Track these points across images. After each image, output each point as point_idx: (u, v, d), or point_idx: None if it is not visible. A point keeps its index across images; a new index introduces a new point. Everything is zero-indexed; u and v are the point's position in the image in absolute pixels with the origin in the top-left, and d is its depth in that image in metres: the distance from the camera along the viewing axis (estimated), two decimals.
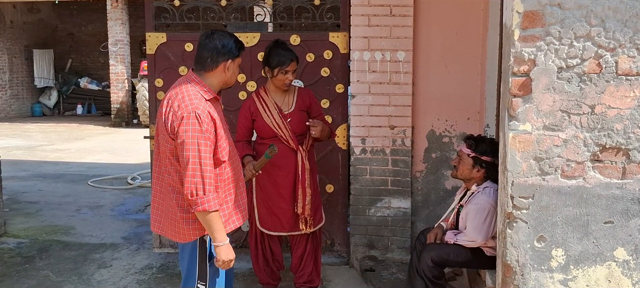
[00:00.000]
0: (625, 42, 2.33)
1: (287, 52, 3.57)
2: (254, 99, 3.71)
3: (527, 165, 2.41)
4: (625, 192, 2.39)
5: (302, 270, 3.84)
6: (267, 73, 3.62)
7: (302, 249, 3.82)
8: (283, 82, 3.59)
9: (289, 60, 3.55)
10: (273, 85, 3.65)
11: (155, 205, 2.75)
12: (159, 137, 2.67)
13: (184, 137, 2.50)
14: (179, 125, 2.51)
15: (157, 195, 2.74)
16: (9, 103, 16.23)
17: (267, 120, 3.63)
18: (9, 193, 6.64)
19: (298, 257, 3.84)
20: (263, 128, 3.67)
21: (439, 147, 4.42)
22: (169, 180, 2.64)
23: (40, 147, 11.14)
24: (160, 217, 2.74)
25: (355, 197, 4.46)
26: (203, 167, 2.49)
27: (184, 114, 2.51)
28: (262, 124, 3.66)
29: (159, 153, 2.68)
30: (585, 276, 2.44)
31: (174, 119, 2.54)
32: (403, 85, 4.28)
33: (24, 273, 4.39)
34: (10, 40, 16.00)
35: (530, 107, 2.38)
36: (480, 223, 3.21)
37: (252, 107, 3.70)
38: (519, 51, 2.37)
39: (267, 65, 3.59)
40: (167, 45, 4.66)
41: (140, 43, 15.74)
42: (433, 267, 3.39)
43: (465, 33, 4.27)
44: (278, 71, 3.55)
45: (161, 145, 2.65)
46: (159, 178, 2.70)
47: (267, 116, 3.63)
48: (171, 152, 2.59)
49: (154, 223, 2.77)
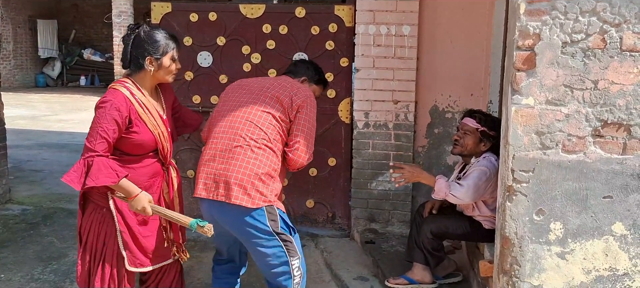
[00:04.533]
0: (631, 18, 2.33)
1: (167, 33, 2.73)
2: (122, 93, 2.61)
3: (528, 139, 2.42)
4: (625, 168, 2.41)
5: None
6: (150, 65, 2.66)
7: (172, 277, 2.97)
8: (172, 72, 2.75)
9: (176, 43, 2.74)
10: (155, 79, 2.72)
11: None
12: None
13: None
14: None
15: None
16: (13, 73, 16.24)
17: (150, 126, 2.66)
18: (13, 162, 6.69)
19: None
20: (143, 139, 2.65)
21: (442, 122, 4.44)
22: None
23: (44, 117, 11.19)
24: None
25: (357, 170, 4.49)
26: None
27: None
28: (143, 133, 2.64)
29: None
30: (583, 249, 2.48)
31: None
32: (407, 59, 4.28)
33: (28, 239, 4.45)
34: (14, 10, 15.95)
35: (534, 82, 2.39)
36: (473, 184, 3.19)
37: (125, 104, 2.59)
38: (524, 25, 2.37)
39: (150, 54, 2.65)
40: (172, 15, 4.66)
41: (144, 15, 15.65)
42: (432, 240, 3.44)
43: (471, 9, 4.26)
44: (169, 59, 2.70)
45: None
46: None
47: (150, 121, 2.67)
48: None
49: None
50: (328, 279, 3.87)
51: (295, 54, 4.61)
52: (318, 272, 3.97)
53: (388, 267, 3.81)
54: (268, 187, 2.76)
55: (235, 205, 2.70)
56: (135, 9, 14.55)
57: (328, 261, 4.11)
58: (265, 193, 2.74)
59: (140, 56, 2.66)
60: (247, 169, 2.72)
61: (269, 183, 2.77)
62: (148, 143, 2.68)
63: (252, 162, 2.73)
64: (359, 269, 3.96)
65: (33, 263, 3.99)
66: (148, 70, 2.67)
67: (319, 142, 4.67)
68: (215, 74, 4.67)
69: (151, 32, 2.69)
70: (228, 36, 4.65)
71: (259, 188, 2.73)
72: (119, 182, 2.54)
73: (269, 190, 2.77)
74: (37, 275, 3.82)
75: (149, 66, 2.67)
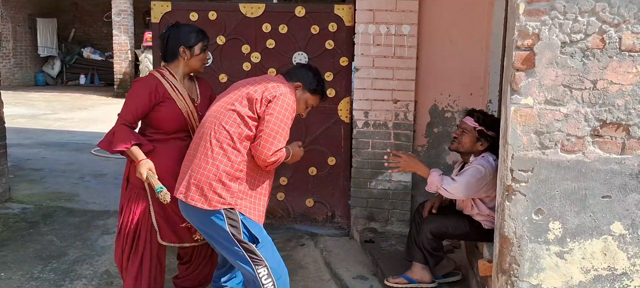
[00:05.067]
0: (630, 18, 2.33)
1: (198, 28, 3.13)
2: (159, 78, 3.03)
3: (527, 139, 2.43)
4: (624, 167, 2.42)
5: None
6: (184, 53, 3.02)
7: (204, 255, 3.32)
8: (203, 61, 3.12)
9: (206, 36, 3.12)
10: (188, 67, 3.08)
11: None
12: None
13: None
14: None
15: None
16: (12, 72, 16.23)
17: (180, 105, 3.02)
18: (13, 160, 6.70)
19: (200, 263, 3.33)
20: (172, 117, 3.02)
21: (441, 121, 4.44)
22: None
23: (44, 115, 11.19)
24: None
25: (356, 169, 4.49)
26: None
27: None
28: (172, 111, 3.01)
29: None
30: (581, 249, 2.48)
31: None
32: (407, 59, 4.28)
33: (28, 238, 4.45)
34: (14, 8, 15.94)
35: (533, 81, 2.40)
36: (466, 182, 3.21)
37: (159, 87, 3.00)
38: (523, 25, 2.37)
39: (184, 44, 3.01)
40: (172, 14, 4.66)
41: (144, 14, 15.68)
42: (432, 239, 3.44)
43: (470, 8, 4.26)
44: (200, 48, 3.05)
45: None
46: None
47: (180, 100, 3.03)
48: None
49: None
50: (327, 278, 3.87)
51: (295, 53, 4.62)
52: (317, 271, 3.97)
53: (387, 266, 3.82)
54: (229, 189, 2.68)
55: (192, 205, 2.70)
56: (135, 8, 14.57)
57: (327, 260, 4.12)
58: (223, 195, 2.67)
59: (175, 47, 3.03)
60: (206, 170, 2.68)
61: (231, 186, 2.68)
62: (177, 119, 3.01)
63: (211, 162, 2.68)
64: (358, 268, 3.97)
65: (33, 262, 4.00)
66: (182, 58, 3.04)
67: (319, 142, 4.70)
68: (215, 73, 4.68)
69: (184, 26, 3.10)
70: (228, 35, 4.66)
71: (217, 190, 2.67)
72: (130, 148, 2.91)
73: (229, 192, 2.68)
74: (37, 273, 3.83)
75: (183, 54, 3.03)
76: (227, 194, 2.68)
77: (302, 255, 4.22)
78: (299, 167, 4.74)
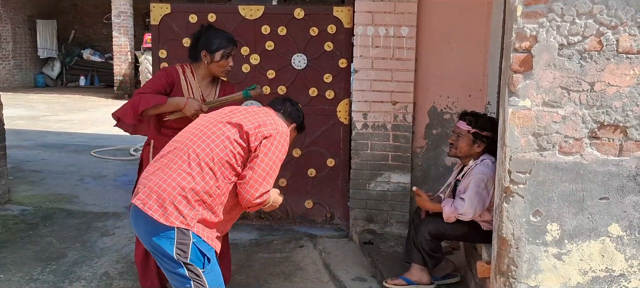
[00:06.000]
0: (627, 20, 2.34)
1: (226, 34, 3.26)
2: (178, 69, 3.29)
3: (525, 141, 2.44)
4: (622, 169, 2.42)
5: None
6: (205, 58, 3.18)
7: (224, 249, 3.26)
8: (224, 67, 3.22)
9: (231, 43, 3.22)
10: (208, 71, 3.24)
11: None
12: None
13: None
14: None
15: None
16: (12, 73, 16.24)
17: (186, 95, 3.21)
18: (12, 162, 6.70)
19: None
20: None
21: (440, 123, 4.45)
22: None
23: (44, 117, 11.19)
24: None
25: (355, 171, 4.50)
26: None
27: None
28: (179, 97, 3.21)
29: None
30: (579, 250, 2.49)
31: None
32: (406, 61, 4.29)
33: (28, 240, 4.46)
34: (13, 10, 15.95)
35: (531, 83, 2.41)
36: (474, 195, 3.23)
37: (175, 75, 3.26)
38: (521, 27, 2.38)
39: (206, 49, 3.17)
40: (172, 16, 4.67)
41: (144, 15, 15.69)
42: (430, 240, 3.45)
43: (469, 10, 4.27)
44: (220, 55, 3.17)
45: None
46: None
47: (188, 94, 3.23)
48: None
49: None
50: (326, 279, 3.88)
51: (294, 55, 4.62)
52: (316, 273, 3.98)
53: (386, 268, 3.82)
54: (193, 209, 2.43)
55: (147, 215, 2.43)
56: (134, 10, 14.58)
57: (326, 261, 4.12)
58: (185, 213, 2.41)
59: (198, 50, 3.20)
60: (174, 181, 2.44)
61: (195, 206, 2.43)
62: (183, 116, 3.10)
63: (183, 175, 2.44)
64: (357, 270, 3.97)
65: (32, 264, 4.00)
66: (203, 62, 3.20)
67: (318, 143, 4.71)
68: None
69: (210, 32, 3.22)
70: None
71: (180, 207, 2.41)
72: (168, 101, 3.09)
73: (192, 213, 2.43)
74: (36, 275, 3.83)
75: (204, 59, 3.19)
76: (189, 213, 2.42)
77: (301, 257, 4.23)
78: (298, 168, 4.76)
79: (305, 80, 4.65)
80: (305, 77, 4.66)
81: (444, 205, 3.36)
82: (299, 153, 4.73)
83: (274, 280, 3.85)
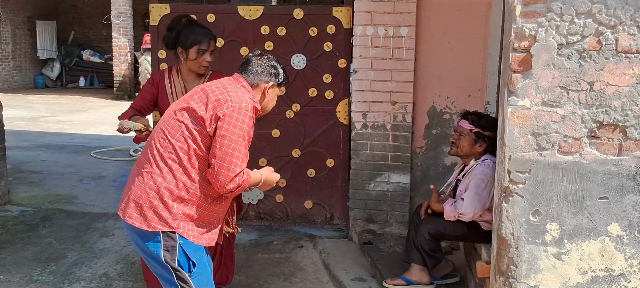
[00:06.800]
0: (626, 20, 2.34)
1: (203, 29, 3.15)
2: (163, 74, 3.27)
3: (524, 141, 2.44)
4: (621, 169, 2.42)
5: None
6: (180, 54, 3.12)
7: (227, 251, 3.36)
8: (200, 64, 3.11)
9: (207, 38, 3.09)
10: (187, 68, 3.16)
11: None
12: None
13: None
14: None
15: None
16: (12, 74, 16.23)
17: (170, 100, 3.13)
18: (12, 163, 6.69)
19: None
20: (161, 107, 3.21)
21: (440, 123, 4.45)
22: None
23: (43, 118, 11.19)
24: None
25: (355, 171, 4.50)
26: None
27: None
28: (163, 105, 3.16)
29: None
30: (579, 250, 2.49)
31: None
32: (405, 61, 4.29)
33: (27, 240, 4.45)
34: (13, 10, 15.94)
35: (530, 83, 2.40)
36: (473, 195, 3.23)
37: (158, 79, 3.25)
38: (520, 27, 2.38)
39: (180, 45, 3.09)
40: (171, 17, 4.65)
41: (143, 16, 15.69)
42: (430, 240, 3.45)
43: (468, 10, 4.27)
44: (195, 52, 3.07)
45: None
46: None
47: (172, 97, 3.14)
48: None
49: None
50: (326, 280, 3.88)
51: (293, 55, 4.62)
52: (316, 273, 3.98)
53: (386, 268, 3.82)
54: (171, 210, 2.34)
55: (128, 223, 2.40)
56: (134, 10, 14.57)
57: (326, 262, 4.12)
58: (165, 216, 2.33)
59: (175, 47, 3.12)
60: (147, 186, 2.35)
61: (173, 206, 2.34)
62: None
63: (154, 178, 2.35)
64: (357, 270, 3.97)
65: (32, 265, 4.00)
66: (180, 59, 3.13)
67: (317, 143, 4.71)
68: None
69: (186, 27, 3.10)
70: (226, 38, 4.66)
71: (158, 210, 2.33)
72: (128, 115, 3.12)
73: (172, 214, 2.34)
74: (36, 276, 3.83)
75: (180, 55, 3.12)
76: (168, 216, 2.34)
77: (301, 257, 4.23)
78: (297, 168, 4.76)
79: (304, 80, 4.65)
80: (304, 77, 4.65)
81: (445, 204, 3.37)
82: (298, 153, 4.73)
83: (273, 280, 3.85)
